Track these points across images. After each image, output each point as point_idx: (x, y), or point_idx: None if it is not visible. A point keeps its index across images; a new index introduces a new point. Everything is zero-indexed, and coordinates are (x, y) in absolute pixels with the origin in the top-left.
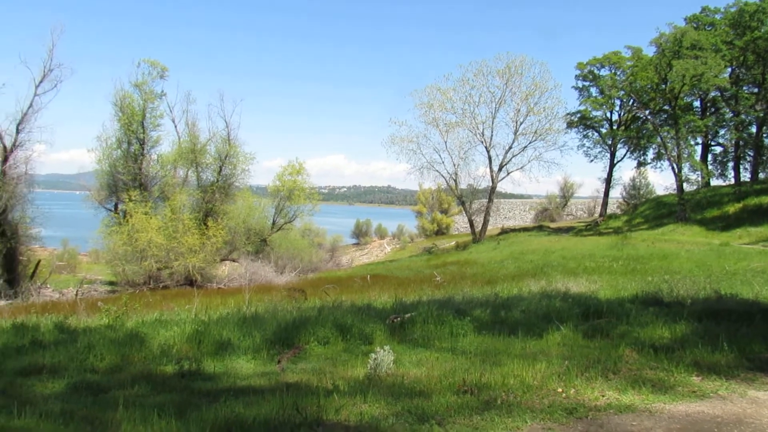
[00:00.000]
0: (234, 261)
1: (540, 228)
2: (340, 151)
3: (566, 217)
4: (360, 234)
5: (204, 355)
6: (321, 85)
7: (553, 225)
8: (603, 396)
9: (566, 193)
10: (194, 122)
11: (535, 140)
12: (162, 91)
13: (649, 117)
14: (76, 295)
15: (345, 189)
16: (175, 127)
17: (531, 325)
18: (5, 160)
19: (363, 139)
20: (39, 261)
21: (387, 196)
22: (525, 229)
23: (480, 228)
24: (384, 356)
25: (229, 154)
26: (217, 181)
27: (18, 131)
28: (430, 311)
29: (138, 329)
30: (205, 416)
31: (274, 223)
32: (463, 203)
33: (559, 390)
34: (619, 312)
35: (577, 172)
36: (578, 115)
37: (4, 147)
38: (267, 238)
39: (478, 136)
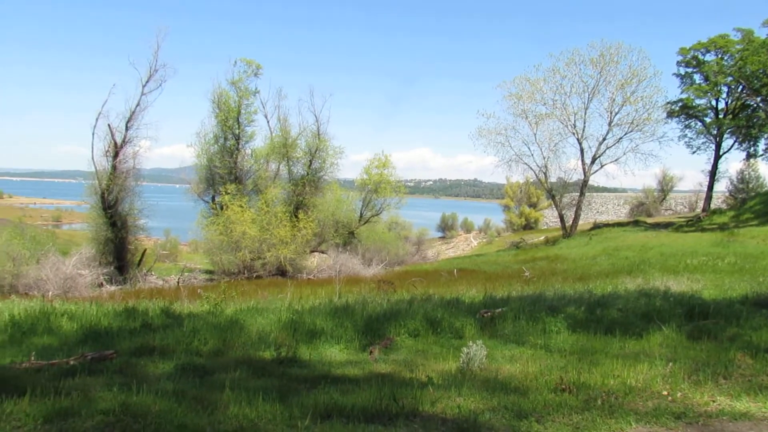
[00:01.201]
0: (323, 252)
1: (636, 223)
2: (426, 144)
3: (664, 212)
4: (446, 228)
5: (298, 342)
6: (406, 78)
7: (650, 220)
8: (714, 401)
9: (665, 187)
10: (285, 117)
11: (631, 131)
12: (256, 89)
13: (761, 104)
14: (178, 282)
15: (431, 182)
16: (268, 122)
17: (629, 324)
18: (116, 155)
19: (449, 131)
20: (145, 250)
21: (473, 190)
22: (619, 224)
23: (571, 222)
24: (476, 351)
25: (319, 148)
26: (307, 174)
27: (127, 128)
28: (522, 307)
29: (237, 316)
30: (305, 401)
31: (361, 215)
32: (552, 197)
33: (665, 393)
34: (728, 313)
35: (678, 165)
36: (680, 104)
37: (115, 143)
38: (354, 230)
39: (570, 127)
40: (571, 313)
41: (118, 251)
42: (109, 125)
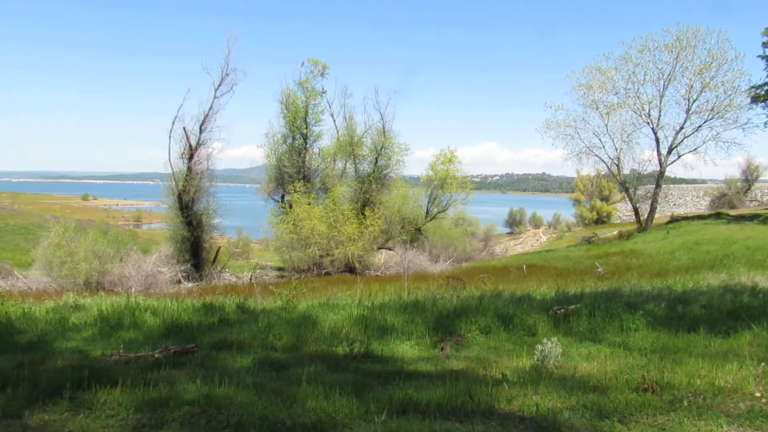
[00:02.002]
0: (390, 249)
1: (717, 215)
2: (493, 139)
3: (749, 203)
4: (514, 223)
5: (370, 338)
6: (473, 72)
7: (733, 212)
8: None
9: (749, 177)
10: (351, 116)
11: (711, 119)
12: (322, 88)
13: None
14: (251, 279)
15: (497, 177)
16: (334, 121)
17: (714, 321)
18: (191, 157)
19: (516, 125)
20: (219, 248)
21: (541, 184)
22: (699, 217)
23: (646, 216)
24: (551, 348)
25: (384, 146)
26: (374, 172)
27: (201, 131)
28: (597, 303)
29: (309, 312)
30: (380, 396)
31: (427, 212)
32: (626, 189)
33: (758, 395)
34: None
35: (764, 153)
36: (766, 88)
37: (190, 146)
38: (421, 227)
39: (644, 117)
40: (650, 310)
41: (194, 249)
42: (184, 128)
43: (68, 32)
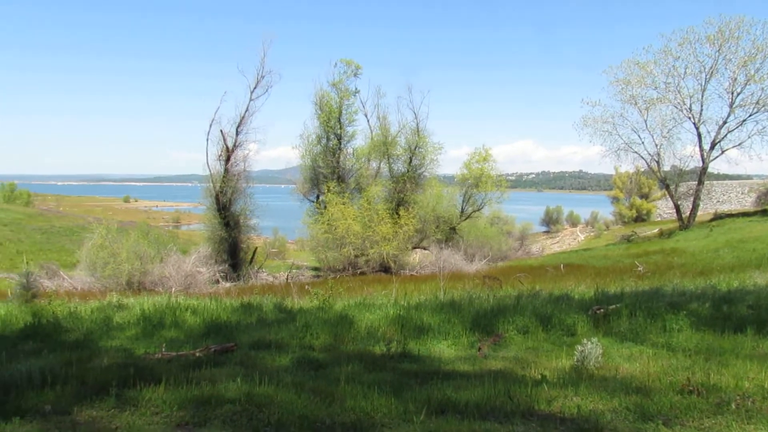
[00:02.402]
0: (425, 249)
1: (764, 212)
2: (528, 137)
3: None
4: (550, 221)
5: (406, 338)
6: (507, 70)
7: None
8: None
9: None
10: (385, 116)
11: (756, 112)
12: (356, 89)
13: None
14: (287, 279)
15: (533, 175)
16: (368, 121)
17: (762, 322)
18: (228, 159)
19: (552, 123)
20: (256, 248)
21: (578, 182)
22: (744, 214)
23: (688, 213)
24: (591, 348)
25: (418, 145)
26: (408, 171)
27: (237, 133)
28: (638, 303)
29: (346, 312)
30: (418, 396)
31: (462, 211)
32: (667, 186)
33: None
34: None
35: None
36: None
37: (227, 148)
38: (456, 226)
39: (685, 111)
40: (694, 310)
41: (232, 250)
42: (221, 131)
43: (96, 36)
